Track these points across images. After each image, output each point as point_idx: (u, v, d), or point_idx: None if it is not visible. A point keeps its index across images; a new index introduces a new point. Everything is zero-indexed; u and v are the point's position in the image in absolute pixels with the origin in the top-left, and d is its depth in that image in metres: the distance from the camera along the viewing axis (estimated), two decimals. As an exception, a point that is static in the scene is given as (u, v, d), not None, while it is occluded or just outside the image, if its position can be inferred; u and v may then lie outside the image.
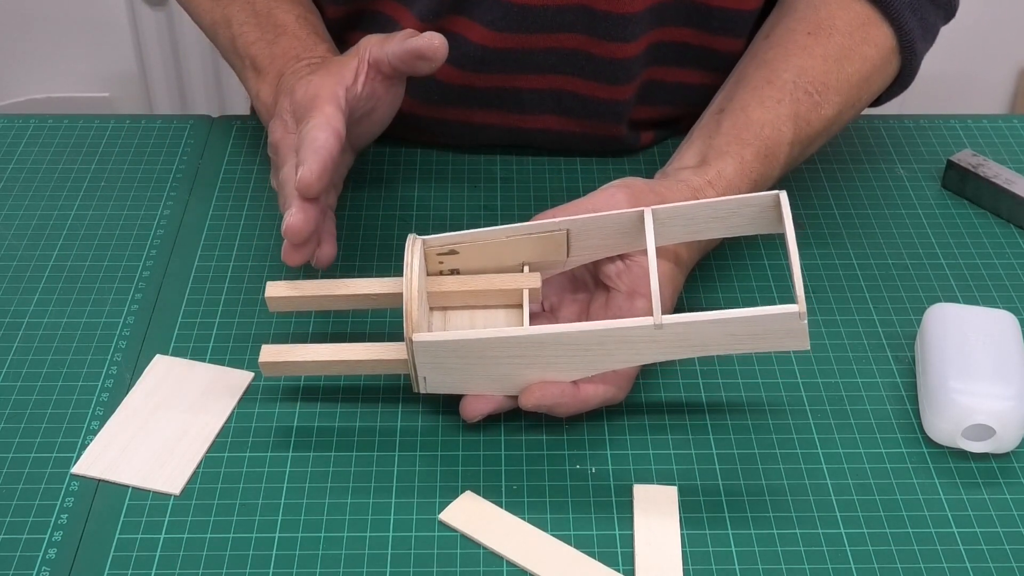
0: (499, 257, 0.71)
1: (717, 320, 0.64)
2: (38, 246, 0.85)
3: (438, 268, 0.72)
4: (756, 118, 0.79)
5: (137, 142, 0.95)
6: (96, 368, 0.75)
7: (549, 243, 0.71)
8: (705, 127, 0.81)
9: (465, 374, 0.68)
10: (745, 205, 0.69)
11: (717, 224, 0.70)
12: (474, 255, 0.71)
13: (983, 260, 0.84)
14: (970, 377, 0.69)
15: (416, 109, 0.91)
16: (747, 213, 0.69)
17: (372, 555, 0.64)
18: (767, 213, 0.69)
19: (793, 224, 0.66)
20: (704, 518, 0.66)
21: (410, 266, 0.68)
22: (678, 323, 0.64)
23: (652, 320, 0.64)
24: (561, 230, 0.70)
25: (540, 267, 0.72)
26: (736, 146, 0.78)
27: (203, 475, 0.68)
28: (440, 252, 0.71)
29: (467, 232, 0.71)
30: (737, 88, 0.83)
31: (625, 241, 0.71)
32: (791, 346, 0.65)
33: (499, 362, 0.67)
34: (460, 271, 0.72)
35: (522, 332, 0.66)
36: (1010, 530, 0.66)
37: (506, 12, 0.86)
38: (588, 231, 0.70)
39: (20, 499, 0.67)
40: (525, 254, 0.71)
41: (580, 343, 0.65)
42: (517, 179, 0.92)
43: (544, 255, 0.71)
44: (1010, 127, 0.98)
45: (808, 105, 0.81)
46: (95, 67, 1.89)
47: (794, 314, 0.63)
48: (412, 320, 0.66)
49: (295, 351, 0.70)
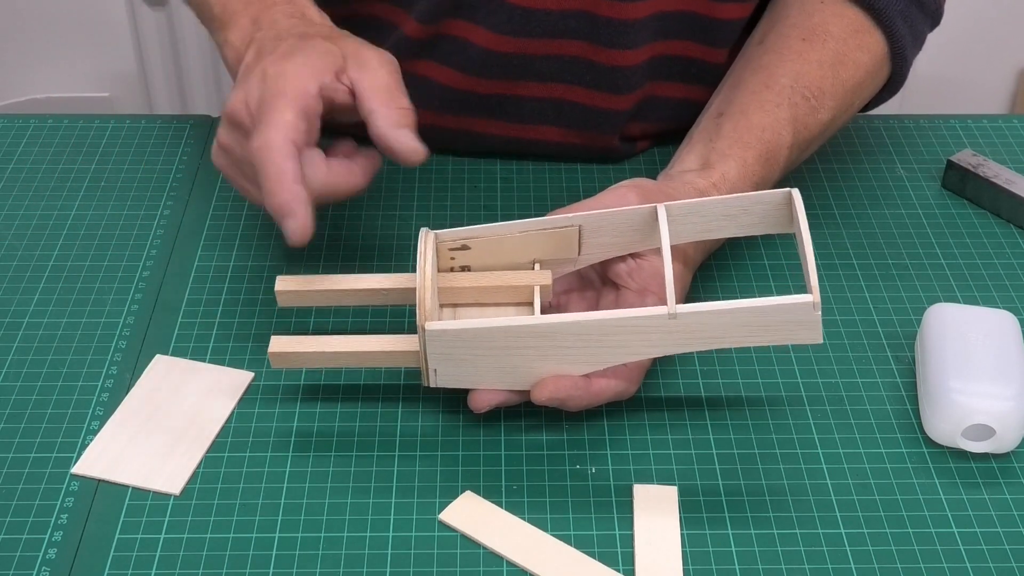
0: (510, 254, 0.71)
1: (731, 310, 0.64)
2: (38, 246, 0.85)
3: (449, 265, 0.72)
4: (756, 122, 0.80)
5: (137, 142, 0.95)
6: (96, 368, 0.75)
7: (561, 240, 0.71)
8: (704, 130, 0.81)
9: (476, 366, 0.67)
10: (757, 202, 0.69)
11: (728, 223, 0.70)
12: (485, 252, 0.71)
13: (983, 260, 0.84)
14: (970, 377, 0.69)
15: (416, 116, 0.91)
16: (758, 211, 0.69)
17: (372, 555, 0.64)
18: (778, 211, 0.69)
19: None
20: (704, 518, 0.66)
21: (423, 255, 0.68)
22: (692, 312, 0.64)
23: (666, 310, 0.64)
24: (573, 226, 0.70)
25: (551, 265, 0.72)
26: (738, 149, 0.78)
27: (203, 475, 0.68)
28: (452, 247, 0.71)
29: (480, 227, 0.70)
30: (735, 92, 0.83)
31: (637, 239, 0.71)
32: (804, 338, 0.65)
33: (510, 353, 0.66)
34: (471, 268, 0.72)
35: (535, 321, 0.66)
36: (1010, 530, 0.66)
37: (509, 16, 0.86)
38: (600, 228, 0.70)
39: (20, 499, 0.67)
40: (536, 251, 0.71)
41: (593, 332, 0.65)
42: (517, 181, 0.92)
43: (556, 252, 0.71)
44: (1010, 127, 0.98)
45: (805, 109, 0.81)
46: (95, 67, 1.89)
47: (808, 304, 0.63)
48: (425, 308, 0.66)
49: (304, 342, 0.69)
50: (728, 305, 0.64)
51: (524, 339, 0.66)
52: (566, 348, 0.66)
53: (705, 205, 0.69)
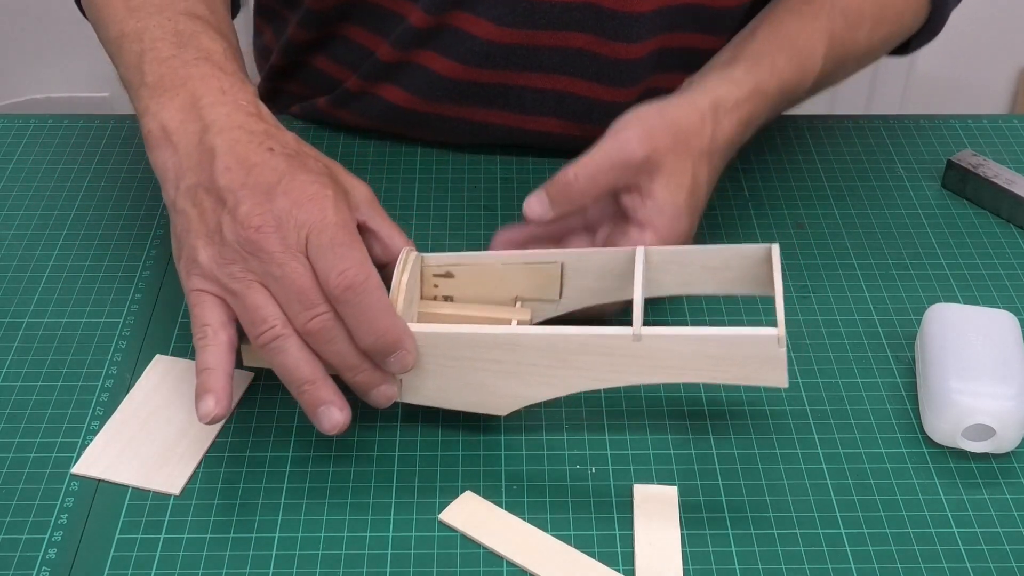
0: (493, 288, 0.72)
1: (694, 336, 0.63)
2: (38, 246, 0.85)
3: (433, 293, 0.73)
4: (792, 28, 0.81)
5: (137, 142, 0.95)
6: (96, 368, 0.75)
7: (543, 277, 0.72)
8: (739, 36, 0.82)
9: (442, 379, 0.67)
10: (737, 256, 0.69)
11: (708, 276, 0.70)
12: (469, 282, 0.72)
13: (983, 260, 0.84)
14: (970, 377, 0.69)
15: (416, 105, 0.91)
16: (739, 266, 0.70)
17: (372, 555, 0.64)
18: (759, 268, 0.69)
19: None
20: (704, 518, 0.66)
21: (402, 263, 0.69)
22: (655, 335, 0.63)
23: (631, 331, 0.64)
24: (555, 262, 0.71)
25: (533, 305, 0.73)
26: (769, 48, 0.79)
27: (203, 475, 0.68)
28: (437, 274, 0.72)
29: (465, 254, 0.72)
30: (772, 9, 0.84)
31: (618, 284, 0.72)
32: (770, 379, 0.64)
33: (476, 367, 0.66)
34: (454, 299, 0.73)
35: (500, 330, 0.65)
36: (1010, 530, 0.66)
37: (513, 8, 0.86)
38: (583, 269, 0.71)
39: (20, 499, 0.67)
40: (519, 288, 0.72)
41: (558, 348, 0.65)
42: (517, 181, 0.92)
43: (538, 291, 0.72)
44: (1010, 127, 0.98)
45: (843, 26, 0.82)
46: (95, 67, 1.89)
47: (772, 337, 0.63)
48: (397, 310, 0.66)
49: None
50: (692, 331, 0.64)
51: (489, 350, 0.65)
52: (530, 365, 0.66)
53: (686, 253, 0.70)
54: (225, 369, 0.64)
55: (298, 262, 0.63)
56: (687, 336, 0.64)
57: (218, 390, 0.63)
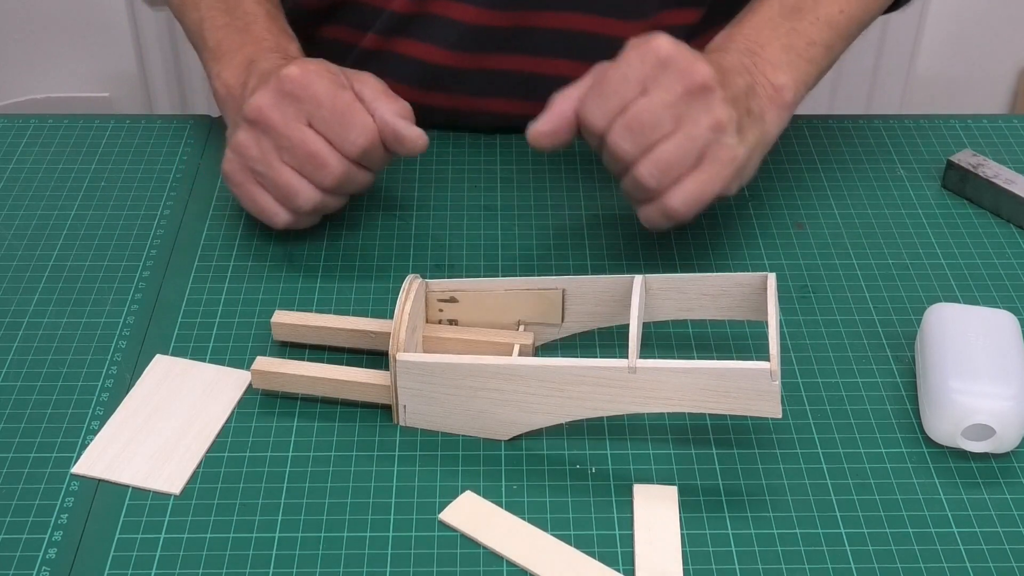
0: (497, 312, 0.74)
1: (688, 369, 0.65)
2: (38, 246, 0.85)
3: (437, 317, 0.74)
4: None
5: (137, 142, 0.95)
6: (96, 368, 0.75)
7: (545, 302, 0.73)
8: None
9: (445, 406, 0.69)
10: (735, 284, 0.71)
11: (707, 303, 0.72)
12: (473, 307, 0.74)
13: (983, 260, 0.84)
14: (970, 377, 0.69)
15: (403, 94, 0.91)
16: (737, 294, 0.71)
17: (372, 555, 0.64)
18: (756, 296, 0.71)
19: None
20: (704, 518, 0.66)
21: (406, 291, 0.70)
22: (650, 368, 0.65)
23: (627, 363, 0.65)
24: (557, 288, 0.73)
25: (535, 329, 0.74)
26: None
27: (203, 475, 0.68)
28: (441, 299, 0.73)
29: (468, 280, 0.73)
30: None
31: (619, 309, 0.73)
32: (764, 411, 0.65)
33: (477, 395, 0.68)
34: (458, 323, 0.74)
35: (500, 361, 0.67)
36: (1010, 530, 0.66)
37: None
38: (584, 295, 0.73)
39: (20, 499, 0.67)
40: (522, 312, 0.74)
41: (555, 379, 0.66)
42: (518, 181, 0.92)
43: (540, 316, 0.74)
44: (1010, 127, 0.98)
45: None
46: (95, 67, 1.89)
47: (765, 371, 0.64)
48: (399, 340, 0.68)
49: (286, 365, 0.71)
50: (686, 364, 0.65)
51: (489, 379, 0.67)
52: (530, 394, 0.67)
53: (685, 281, 0.72)
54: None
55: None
56: (681, 369, 0.65)
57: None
